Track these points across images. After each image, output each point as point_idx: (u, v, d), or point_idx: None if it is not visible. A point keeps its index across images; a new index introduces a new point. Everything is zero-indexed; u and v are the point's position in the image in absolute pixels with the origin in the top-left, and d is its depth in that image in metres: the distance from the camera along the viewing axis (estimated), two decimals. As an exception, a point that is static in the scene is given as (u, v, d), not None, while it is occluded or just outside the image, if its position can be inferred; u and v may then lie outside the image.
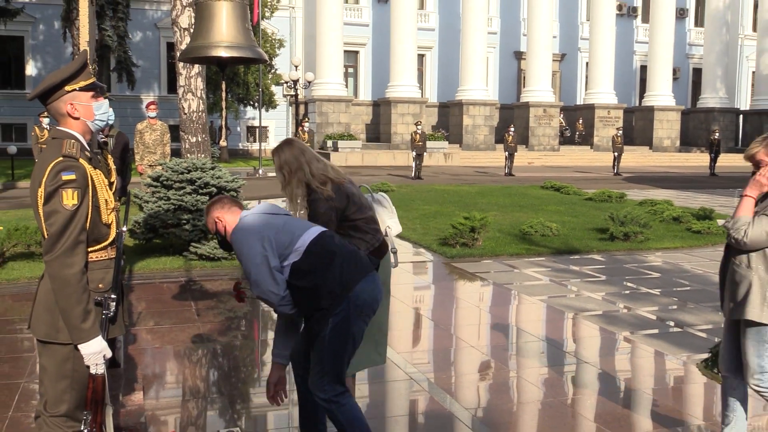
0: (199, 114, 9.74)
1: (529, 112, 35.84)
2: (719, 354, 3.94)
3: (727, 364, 3.82)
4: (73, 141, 2.79)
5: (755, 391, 3.68)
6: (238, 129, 36.24)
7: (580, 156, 35.20)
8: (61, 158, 2.72)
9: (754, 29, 42.81)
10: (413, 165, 24.35)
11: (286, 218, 3.46)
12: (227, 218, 3.42)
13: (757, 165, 3.60)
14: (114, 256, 2.93)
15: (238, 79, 29.95)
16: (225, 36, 5.24)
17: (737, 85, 44.29)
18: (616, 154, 28.31)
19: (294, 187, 3.77)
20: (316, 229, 3.40)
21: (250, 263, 3.26)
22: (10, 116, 33.29)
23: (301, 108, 31.88)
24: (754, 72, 42.91)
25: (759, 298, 3.54)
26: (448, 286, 8.68)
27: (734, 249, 3.65)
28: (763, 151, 3.57)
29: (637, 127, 40.05)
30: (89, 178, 2.78)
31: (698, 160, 35.63)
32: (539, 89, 36.16)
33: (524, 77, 38.61)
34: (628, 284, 8.43)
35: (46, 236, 2.71)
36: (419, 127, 24.87)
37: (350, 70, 38.01)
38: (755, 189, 3.58)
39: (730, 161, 35.57)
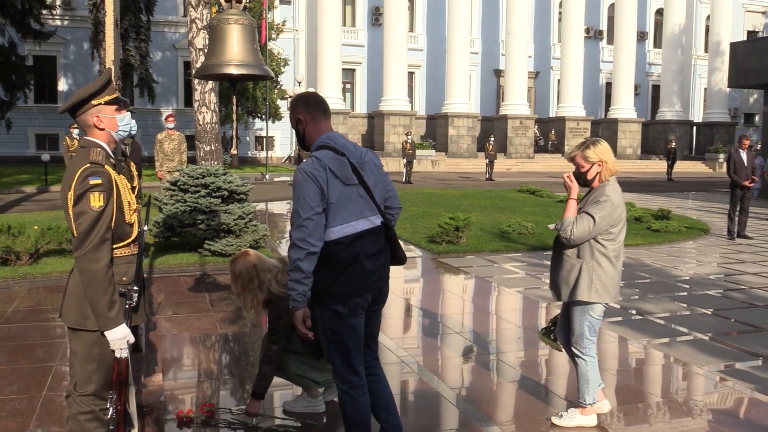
0: (213, 125, 9.73)
1: (507, 123, 35.89)
2: (558, 331, 4.22)
3: (564, 338, 4.11)
4: (99, 149, 2.80)
5: (574, 353, 3.95)
6: (248, 139, 36.19)
7: (552, 163, 35.27)
8: (88, 165, 2.72)
9: (706, 50, 43.01)
10: (404, 171, 24.39)
11: (347, 195, 3.05)
12: (309, 125, 3.16)
13: (577, 166, 3.85)
14: (136, 252, 2.93)
15: (247, 93, 29.91)
16: (236, 55, 5.23)
17: (691, 100, 44.46)
18: (584, 161, 28.38)
19: (247, 297, 3.86)
20: (351, 228, 3.05)
21: (303, 208, 2.96)
22: (44, 127, 33.18)
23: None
24: (705, 88, 43.09)
25: (586, 282, 3.77)
26: (435, 279, 8.68)
27: (564, 244, 3.85)
28: (580, 154, 3.83)
29: (603, 137, 39.73)
30: (114, 183, 2.78)
31: (657, 166, 35.75)
32: (516, 103, 36.23)
33: (503, 92, 38.64)
34: (595, 277, 8.44)
35: (75, 235, 2.71)
36: (409, 137, 24.89)
37: (347, 85, 38.00)
38: (573, 192, 3.85)
39: (685, 168, 35.79)
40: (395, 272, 8.98)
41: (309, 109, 3.15)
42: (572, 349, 3.96)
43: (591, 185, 3.85)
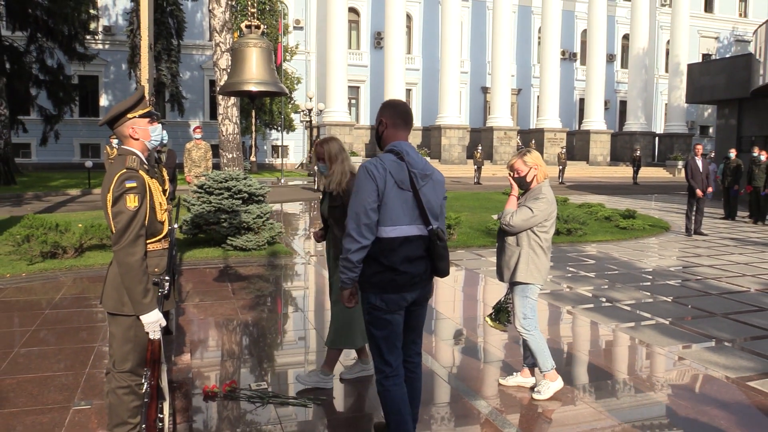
0: (234, 136, 9.73)
1: (493, 134, 35.87)
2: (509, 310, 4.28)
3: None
4: (134, 157, 2.80)
5: (520, 332, 4.04)
6: (265, 147, 36.17)
7: (532, 169, 35.14)
8: (125, 170, 2.73)
9: (666, 70, 42.92)
10: (402, 176, 24.29)
11: (401, 198, 2.88)
12: (388, 129, 3.01)
13: (516, 171, 3.97)
14: (167, 246, 2.93)
15: (265, 108, 29.91)
16: (255, 74, 5.23)
17: (654, 113, 44.39)
18: (560, 167, 28.36)
19: (337, 172, 3.89)
20: (399, 231, 2.87)
21: (359, 203, 2.83)
22: (88, 137, 33.21)
23: (315, 131, 31.85)
24: (666, 104, 43.00)
25: (524, 265, 3.89)
26: (429, 270, 8.65)
27: (507, 233, 3.97)
28: (520, 161, 3.95)
29: (576, 146, 40.10)
30: (147, 186, 2.78)
31: (624, 172, 35.70)
32: (501, 116, 36.20)
33: (489, 107, 38.60)
34: (570, 269, 8.43)
35: (113, 231, 2.71)
36: (407, 146, 24.86)
37: (353, 101, 37.98)
38: (514, 190, 4.02)
39: (649, 173, 35.71)
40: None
41: (393, 116, 3.01)
42: (518, 329, 4.03)
43: (529, 187, 3.97)
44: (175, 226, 3.01)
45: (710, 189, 12.04)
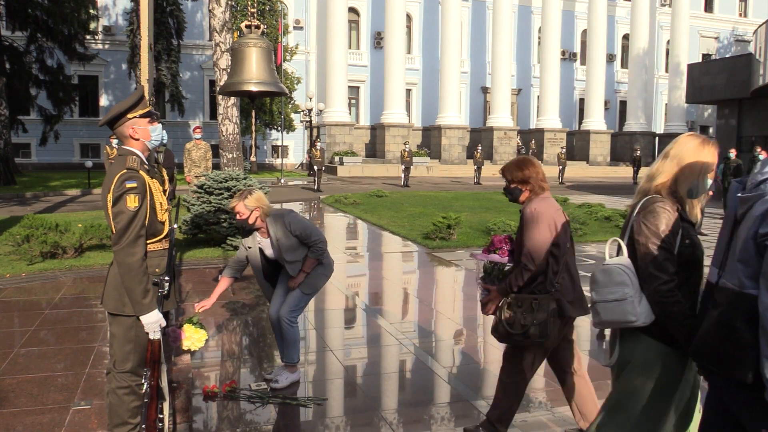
0: (234, 136, 9.73)
1: (493, 134, 35.86)
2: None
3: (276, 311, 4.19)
4: (134, 157, 2.80)
5: (285, 322, 4.04)
6: (265, 147, 36.16)
7: (532, 169, 35.03)
8: (125, 170, 2.72)
9: (666, 70, 42.92)
10: (402, 176, 24.35)
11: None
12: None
13: (238, 215, 3.89)
14: (167, 247, 2.93)
15: (265, 108, 29.91)
16: (255, 74, 5.23)
17: (654, 113, 44.39)
18: (560, 167, 28.36)
19: None
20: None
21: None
22: (87, 137, 33.19)
23: (314, 131, 31.85)
24: (666, 104, 43.01)
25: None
26: (429, 270, 8.68)
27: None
28: (241, 204, 3.83)
29: (576, 146, 40.10)
30: (147, 186, 2.78)
31: (624, 172, 35.71)
32: (501, 116, 36.18)
33: (489, 107, 38.59)
34: (570, 269, 8.42)
35: (114, 231, 2.71)
36: (407, 145, 24.85)
37: (353, 101, 37.97)
38: None
39: (649, 173, 35.65)
40: (394, 265, 8.89)
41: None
42: (284, 319, 4.04)
43: (253, 228, 3.95)
44: (175, 226, 3.01)
45: (710, 193, 12.04)
